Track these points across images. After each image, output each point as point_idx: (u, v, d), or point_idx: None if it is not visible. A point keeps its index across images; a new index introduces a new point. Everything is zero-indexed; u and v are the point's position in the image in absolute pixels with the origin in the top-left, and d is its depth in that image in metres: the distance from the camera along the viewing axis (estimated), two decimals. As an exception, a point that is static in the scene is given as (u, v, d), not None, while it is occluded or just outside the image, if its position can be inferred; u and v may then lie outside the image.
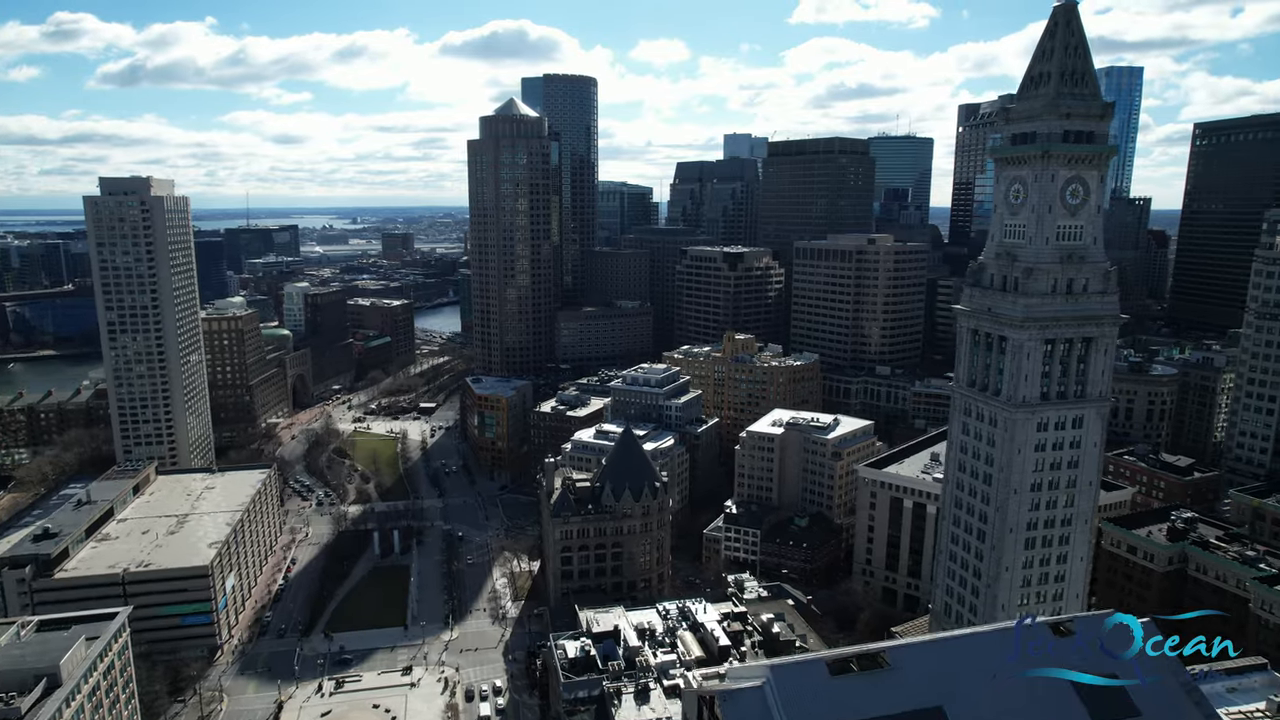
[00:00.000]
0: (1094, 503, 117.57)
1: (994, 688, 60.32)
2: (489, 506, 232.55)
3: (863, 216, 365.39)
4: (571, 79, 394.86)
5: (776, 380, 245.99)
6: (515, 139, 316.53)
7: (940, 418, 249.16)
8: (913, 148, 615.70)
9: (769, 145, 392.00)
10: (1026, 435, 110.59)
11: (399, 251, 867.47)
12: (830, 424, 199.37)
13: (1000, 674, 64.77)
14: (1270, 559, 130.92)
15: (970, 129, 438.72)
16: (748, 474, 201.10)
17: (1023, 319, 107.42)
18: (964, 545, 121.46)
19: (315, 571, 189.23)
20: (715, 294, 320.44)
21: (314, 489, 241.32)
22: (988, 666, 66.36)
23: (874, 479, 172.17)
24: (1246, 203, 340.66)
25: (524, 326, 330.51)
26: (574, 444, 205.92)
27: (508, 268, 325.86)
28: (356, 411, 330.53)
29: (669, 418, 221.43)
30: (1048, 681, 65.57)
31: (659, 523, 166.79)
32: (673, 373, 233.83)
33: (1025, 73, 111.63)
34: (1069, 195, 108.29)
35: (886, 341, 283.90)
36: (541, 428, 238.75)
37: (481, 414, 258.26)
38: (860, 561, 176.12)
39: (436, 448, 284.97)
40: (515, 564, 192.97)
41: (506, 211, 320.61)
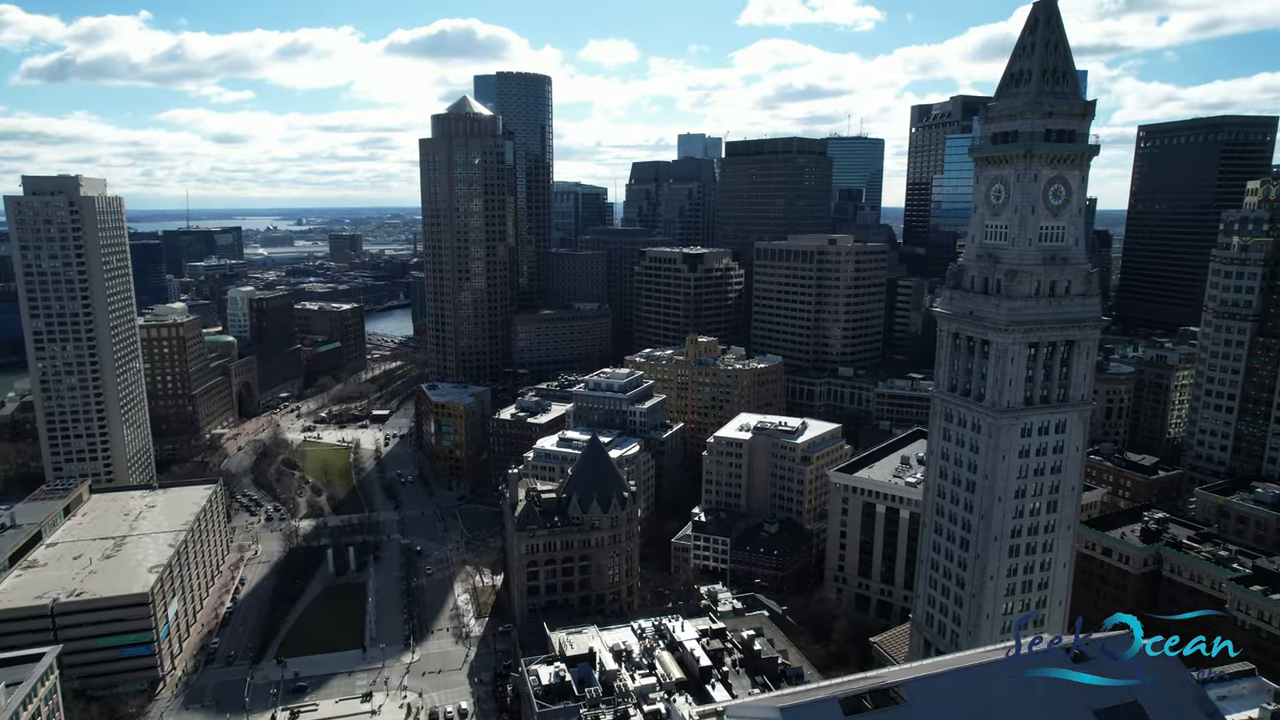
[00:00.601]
0: (1077, 508, 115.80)
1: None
2: (448, 518, 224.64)
3: (820, 217, 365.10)
4: (525, 77, 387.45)
5: (741, 383, 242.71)
6: (469, 138, 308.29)
7: (905, 419, 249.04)
8: (864, 148, 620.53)
9: (726, 145, 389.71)
10: (1011, 441, 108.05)
11: (347, 253, 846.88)
12: (798, 428, 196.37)
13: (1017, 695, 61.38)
14: (1242, 558, 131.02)
15: (923, 129, 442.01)
16: (715, 480, 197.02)
17: (1007, 322, 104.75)
18: (946, 554, 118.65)
19: (266, 592, 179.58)
20: (675, 295, 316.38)
21: (263, 503, 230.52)
22: (1004, 697, 62.84)
23: (845, 484, 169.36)
24: (1189, 203, 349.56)
25: (480, 330, 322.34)
26: (536, 452, 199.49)
27: (462, 270, 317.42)
28: (306, 420, 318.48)
29: (633, 423, 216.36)
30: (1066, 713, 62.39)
31: (628, 534, 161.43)
32: (636, 377, 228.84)
33: (1005, 70, 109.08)
34: (1051, 195, 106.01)
35: (848, 342, 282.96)
36: (501, 435, 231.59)
37: (438, 422, 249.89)
38: (832, 568, 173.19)
39: (391, 457, 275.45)
40: (478, 579, 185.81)
41: (460, 212, 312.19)
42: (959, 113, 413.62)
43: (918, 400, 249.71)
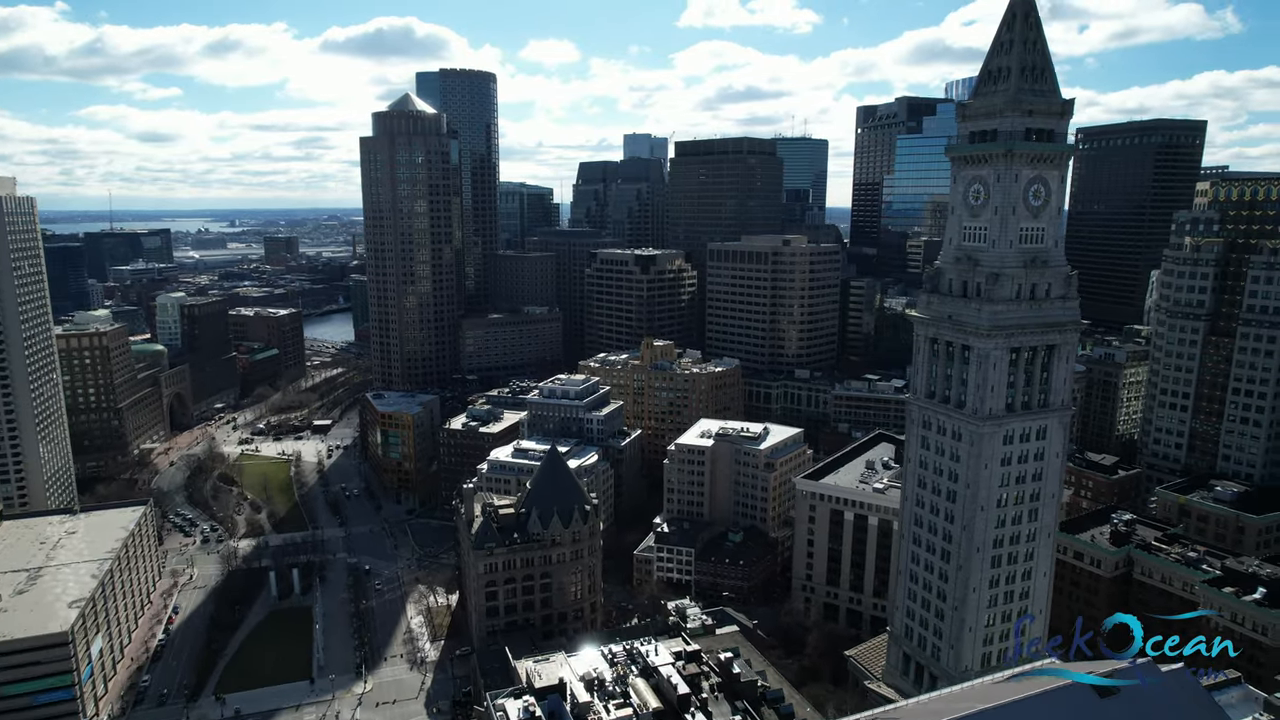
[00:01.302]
0: (1057, 515, 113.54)
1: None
2: (397, 534, 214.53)
3: (772, 217, 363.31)
4: (469, 74, 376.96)
5: (698, 388, 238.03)
6: (412, 136, 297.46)
7: (863, 421, 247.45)
8: (808, 149, 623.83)
9: (675, 145, 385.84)
10: (993, 449, 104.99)
11: (283, 256, 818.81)
12: (760, 434, 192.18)
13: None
14: (1210, 559, 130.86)
15: (869, 130, 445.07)
16: (677, 489, 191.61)
17: (990, 327, 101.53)
18: (926, 565, 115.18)
19: (202, 621, 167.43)
20: (628, 298, 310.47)
21: (198, 523, 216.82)
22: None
23: (812, 491, 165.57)
24: (1126, 204, 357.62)
25: (426, 335, 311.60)
26: (491, 464, 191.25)
27: (407, 272, 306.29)
28: (243, 432, 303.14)
29: (590, 431, 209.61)
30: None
31: (590, 549, 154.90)
32: (592, 383, 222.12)
33: (982, 67, 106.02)
34: (1031, 196, 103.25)
35: (804, 344, 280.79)
36: (452, 446, 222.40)
37: (385, 433, 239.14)
38: (800, 577, 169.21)
39: (335, 470, 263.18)
40: (431, 599, 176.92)
41: (404, 213, 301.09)
42: (904, 113, 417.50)
43: (875, 402, 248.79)
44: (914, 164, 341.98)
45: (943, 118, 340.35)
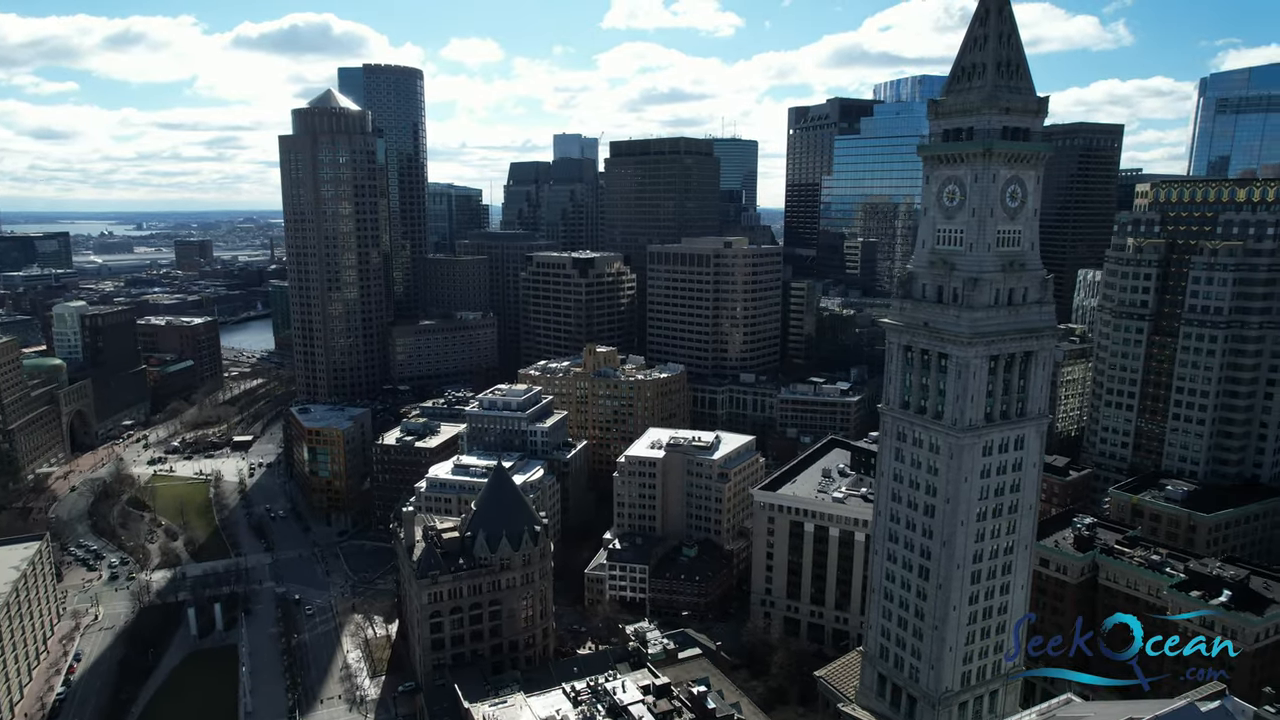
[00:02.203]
0: (1034, 526, 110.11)
1: None
2: (329, 558, 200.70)
3: (709, 219, 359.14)
4: (395, 70, 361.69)
5: (644, 395, 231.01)
6: (335, 134, 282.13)
7: (810, 425, 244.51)
8: (739, 150, 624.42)
9: (610, 146, 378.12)
10: (973, 461, 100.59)
11: (196, 261, 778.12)
12: (713, 443, 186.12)
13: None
14: (1173, 561, 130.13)
15: (802, 131, 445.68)
16: (628, 503, 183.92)
17: (970, 335, 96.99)
18: (902, 583, 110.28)
19: (109, 668, 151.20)
20: (566, 303, 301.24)
21: (104, 555, 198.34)
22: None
23: (770, 503, 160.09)
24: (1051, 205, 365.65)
25: (353, 344, 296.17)
26: (430, 483, 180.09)
27: (332, 277, 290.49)
28: (156, 451, 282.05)
29: (534, 444, 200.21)
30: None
31: (542, 572, 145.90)
32: (534, 393, 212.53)
33: (955, 64, 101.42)
34: (1009, 197, 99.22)
35: (747, 348, 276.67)
36: (386, 463, 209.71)
37: (312, 449, 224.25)
38: (759, 592, 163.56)
39: (258, 489, 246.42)
40: (370, 629, 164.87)
41: (328, 215, 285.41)
42: (836, 115, 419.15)
43: (822, 406, 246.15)
44: (852, 165, 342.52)
45: (880, 119, 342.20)
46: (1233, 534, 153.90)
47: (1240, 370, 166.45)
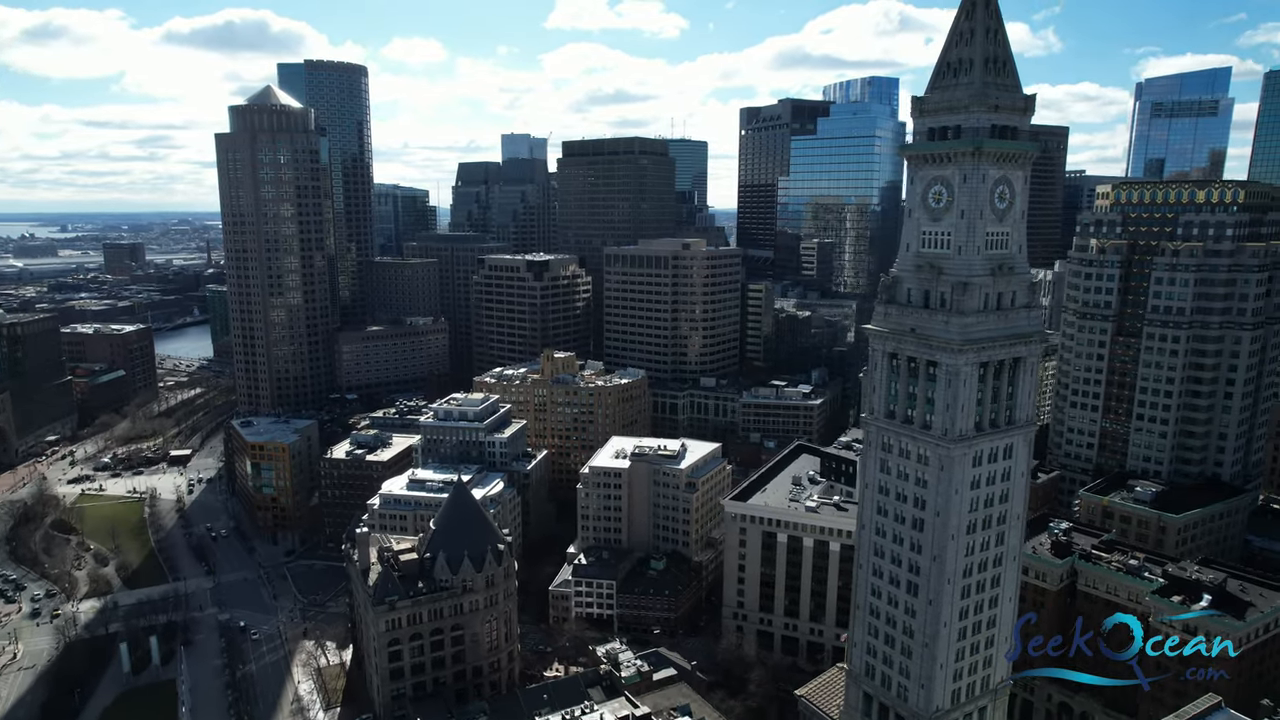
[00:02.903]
0: (1022, 536, 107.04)
1: None
2: (276, 580, 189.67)
3: (665, 220, 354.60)
4: (338, 67, 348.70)
5: (605, 401, 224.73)
6: (276, 133, 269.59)
7: (773, 429, 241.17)
8: (690, 150, 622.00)
9: (563, 146, 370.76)
10: (964, 473, 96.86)
11: (126, 264, 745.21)
12: (679, 451, 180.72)
13: None
14: (1150, 566, 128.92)
15: (754, 132, 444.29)
16: (592, 515, 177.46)
17: (961, 342, 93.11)
18: (889, 599, 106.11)
19: (30, 713, 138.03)
20: (520, 307, 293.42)
21: (24, 585, 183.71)
22: None
23: (741, 513, 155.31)
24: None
25: (298, 351, 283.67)
26: (383, 499, 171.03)
27: (274, 282, 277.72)
28: (83, 468, 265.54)
29: (492, 456, 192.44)
30: None
31: (506, 593, 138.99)
32: (491, 402, 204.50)
33: (939, 59, 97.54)
34: (997, 198, 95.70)
35: (707, 351, 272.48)
36: (335, 478, 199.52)
37: (256, 464, 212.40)
38: (731, 605, 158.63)
39: (198, 507, 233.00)
40: (322, 657, 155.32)
41: (269, 217, 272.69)
42: (788, 115, 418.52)
43: (784, 409, 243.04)
44: (809, 165, 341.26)
45: (836, 119, 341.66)
46: (1199, 533, 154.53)
47: (1202, 370, 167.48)
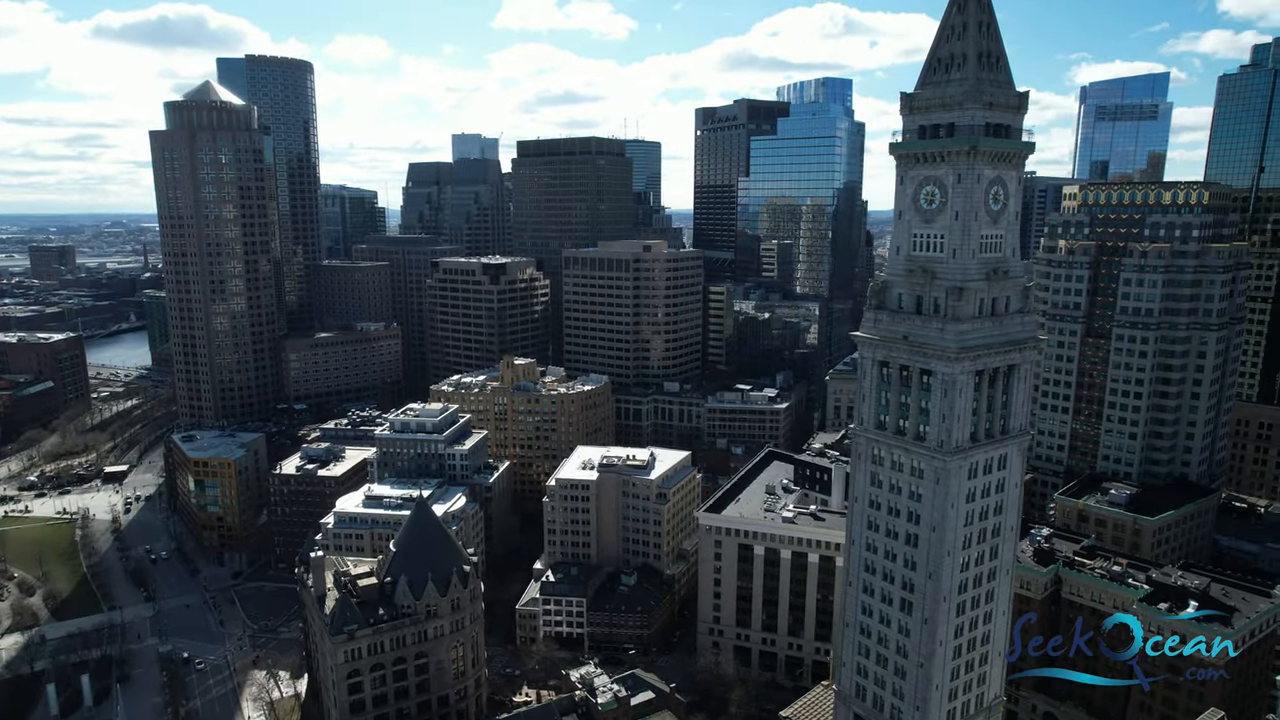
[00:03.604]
0: (1015, 548, 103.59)
1: None
2: (223, 605, 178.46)
3: (622, 221, 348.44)
4: (282, 63, 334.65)
5: (567, 409, 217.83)
6: (217, 130, 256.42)
7: (739, 435, 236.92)
8: (643, 151, 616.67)
9: (518, 145, 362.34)
10: (960, 485, 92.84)
11: (55, 269, 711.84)
12: (648, 461, 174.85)
13: None
14: (1133, 572, 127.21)
15: (709, 132, 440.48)
16: (559, 530, 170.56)
17: (957, 349, 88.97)
18: (881, 618, 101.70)
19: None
20: (476, 311, 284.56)
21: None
22: None
23: (716, 525, 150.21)
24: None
25: (242, 359, 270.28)
26: (338, 517, 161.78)
27: (216, 287, 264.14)
28: (6, 488, 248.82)
29: (453, 469, 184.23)
30: None
31: (473, 616, 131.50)
32: (451, 412, 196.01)
33: (929, 55, 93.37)
34: (991, 199, 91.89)
35: (670, 355, 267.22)
36: (286, 495, 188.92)
37: (199, 482, 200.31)
38: (706, 620, 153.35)
39: (136, 528, 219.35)
40: (274, 688, 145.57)
41: (210, 219, 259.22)
42: (744, 116, 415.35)
43: (751, 414, 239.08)
44: (769, 166, 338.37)
45: (796, 119, 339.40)
46: (1173, 535, 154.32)
47: (1170, 371, 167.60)
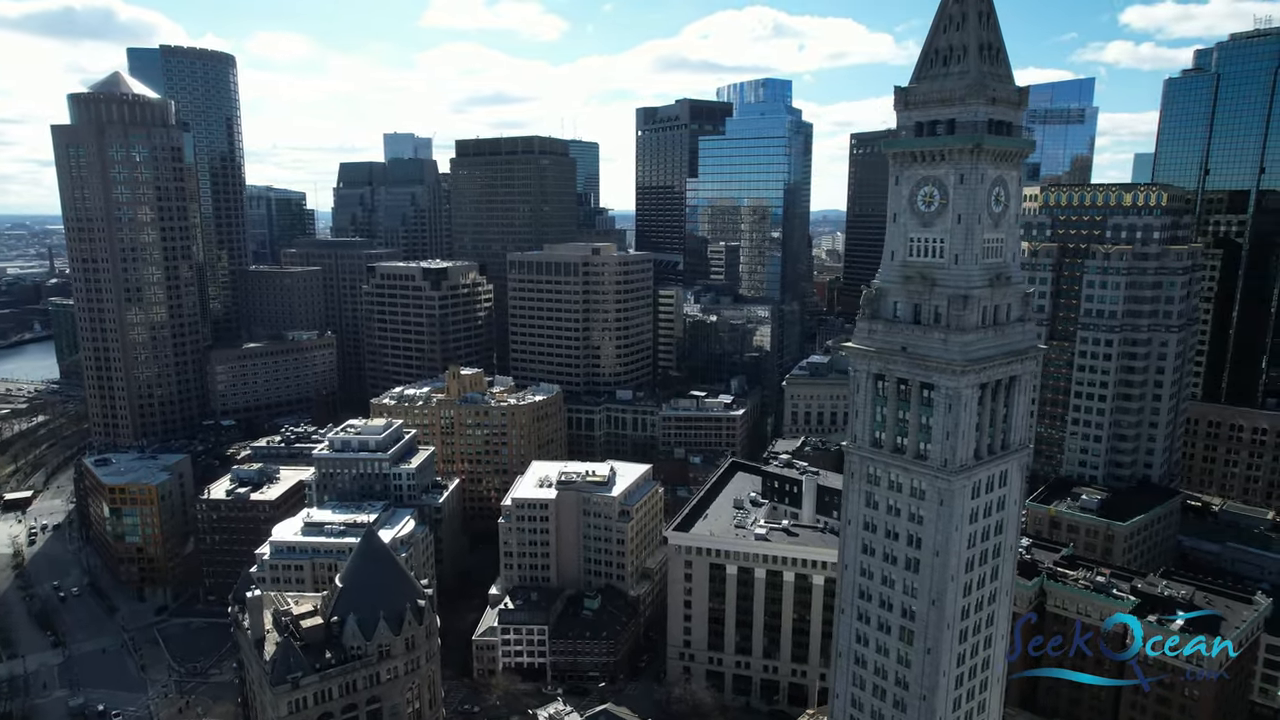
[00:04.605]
0: (1014, 568, 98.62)
1: None
2: (145, 647, 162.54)
3: (567, 224, 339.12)
4: (202, 55, 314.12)
5: (518, 421, 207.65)
6: (129, 126, 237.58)
7: (696, 444, 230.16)
8: (581, 151, 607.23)
9: (456, 145, 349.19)
10: (964, 506, 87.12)
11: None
12: (609, 477, 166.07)
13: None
14: (1117, 581, 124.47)
15: (651, 132, 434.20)
16: (517, 552, 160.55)
17: (963, 362, 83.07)
18: (879, 647, 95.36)
19: None
20: (417, 319, 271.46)
21: None
22: None
23: (687, 545, 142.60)
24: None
25: (163, 372, 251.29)
26: (274, 547, 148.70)
27: (132, 294, 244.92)
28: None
29: (399, 490, 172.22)
30: None
31: (428, 654, 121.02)
32: (395, 429, 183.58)
33: (924, 47, 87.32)
34: (994, 201, 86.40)
35: (622, 362, 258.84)
36: (215, 521, 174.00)
37: (116, 509, 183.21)
38: (677, 644, 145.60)
39: (41, 561, 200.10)
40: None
41: (124, 222, 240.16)
42: (686, 116, 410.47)
43: (707, 421, 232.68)
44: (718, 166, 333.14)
45: (745, 119, 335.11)
46: (1143, 538, 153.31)
47: (1132, 373, 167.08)
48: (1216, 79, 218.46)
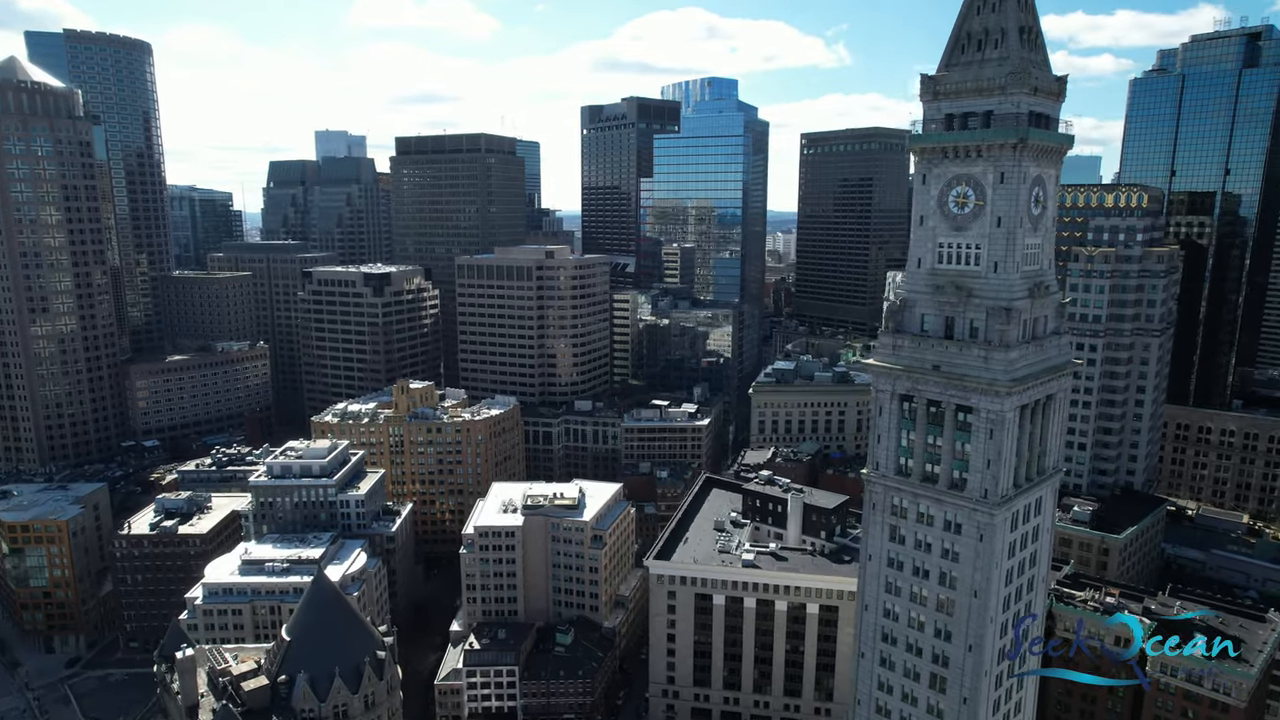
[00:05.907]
0: (1045, 601, 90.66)
1: None
2: (53, 706, 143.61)
3: (516, 225, 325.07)
4: (113, 41, 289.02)
5: (473, 438, 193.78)
6: (29, 117, 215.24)
7: (660, 456, 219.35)
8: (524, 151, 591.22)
9: (397, 142, 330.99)
10: (1003, 541, 78.53)
11: None
12: (578, 499, 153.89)
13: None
14: (1127, 602, 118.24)
15: (597, 131, 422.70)
16: (480, 585, 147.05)
17: (1008, 382, 74.27)
18: (905, 695, 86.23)
19: None
20: (358, 327, 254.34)
21: None
22: None
23: (670, 574, 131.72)
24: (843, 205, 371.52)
25: (75, 388, 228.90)
26: (208, 590, 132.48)
27: (36, 303, 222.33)
28: None
29: (347, 519, 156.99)
30: None
31: (390, 711, 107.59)
32: (340, 450, 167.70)
33: (954, 30, 78.56)
34: (1033, 202, 77.94)
35: (579, 370, 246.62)
36: (137, 558, 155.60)
37: (19, 550, 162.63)
38: (660, 680, 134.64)
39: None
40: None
41: (26, 224, 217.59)
42: (634, 114, 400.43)
43: (672, 433, 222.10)
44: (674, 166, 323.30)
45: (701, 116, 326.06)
46: (1135, 549, 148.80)
47: (1115, 379, 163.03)
48: (1182, 80, 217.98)
